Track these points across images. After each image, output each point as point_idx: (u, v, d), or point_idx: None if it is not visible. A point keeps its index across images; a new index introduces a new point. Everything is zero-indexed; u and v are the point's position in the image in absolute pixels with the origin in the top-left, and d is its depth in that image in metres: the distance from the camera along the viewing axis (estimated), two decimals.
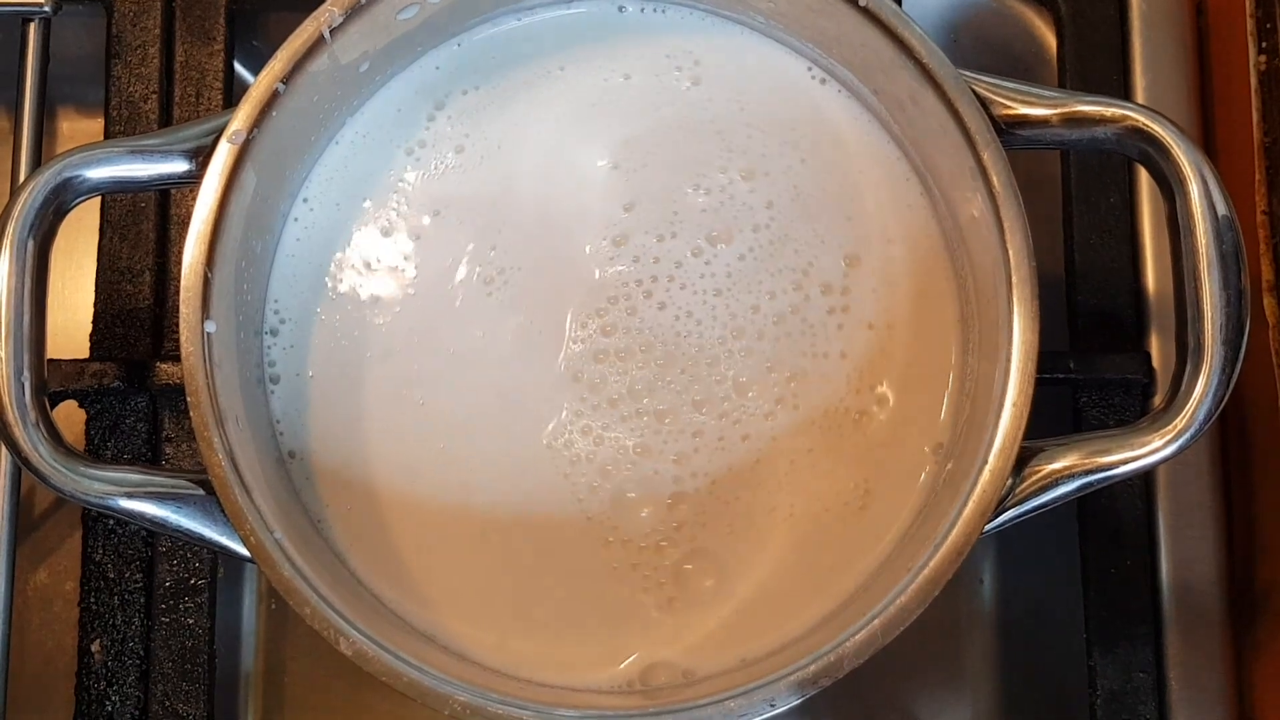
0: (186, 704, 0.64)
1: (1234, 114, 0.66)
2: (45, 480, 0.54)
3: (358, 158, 0.62)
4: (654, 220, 0.61)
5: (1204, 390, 0.52)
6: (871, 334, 0.60)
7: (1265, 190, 0.61)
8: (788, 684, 0.52)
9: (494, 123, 0.62)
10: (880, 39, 0.56)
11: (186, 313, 0.54)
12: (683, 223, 0.61)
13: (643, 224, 0.61)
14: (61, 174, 0.55)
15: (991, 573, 0.71)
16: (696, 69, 0.63)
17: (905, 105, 0.58)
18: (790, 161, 0.62)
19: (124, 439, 0.66)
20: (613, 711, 0.53)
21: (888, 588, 0.53)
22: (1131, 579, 0.65)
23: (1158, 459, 0.53)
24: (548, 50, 0.63)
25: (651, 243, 0.61)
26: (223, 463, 0.53)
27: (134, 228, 0.68)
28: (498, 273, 0.61)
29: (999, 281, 0.54)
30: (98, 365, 0.65)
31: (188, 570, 0.65)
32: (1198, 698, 0.64)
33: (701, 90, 0.62)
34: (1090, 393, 0.66)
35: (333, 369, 0.60)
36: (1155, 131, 0.53)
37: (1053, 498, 0.54)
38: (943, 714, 0.70)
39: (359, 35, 0.57)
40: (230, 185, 0.55)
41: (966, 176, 0.55)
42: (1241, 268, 0.52)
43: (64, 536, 0.71)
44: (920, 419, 0.59)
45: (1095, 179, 0.68)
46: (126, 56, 0.69)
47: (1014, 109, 0.55)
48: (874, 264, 0.61)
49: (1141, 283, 0.67)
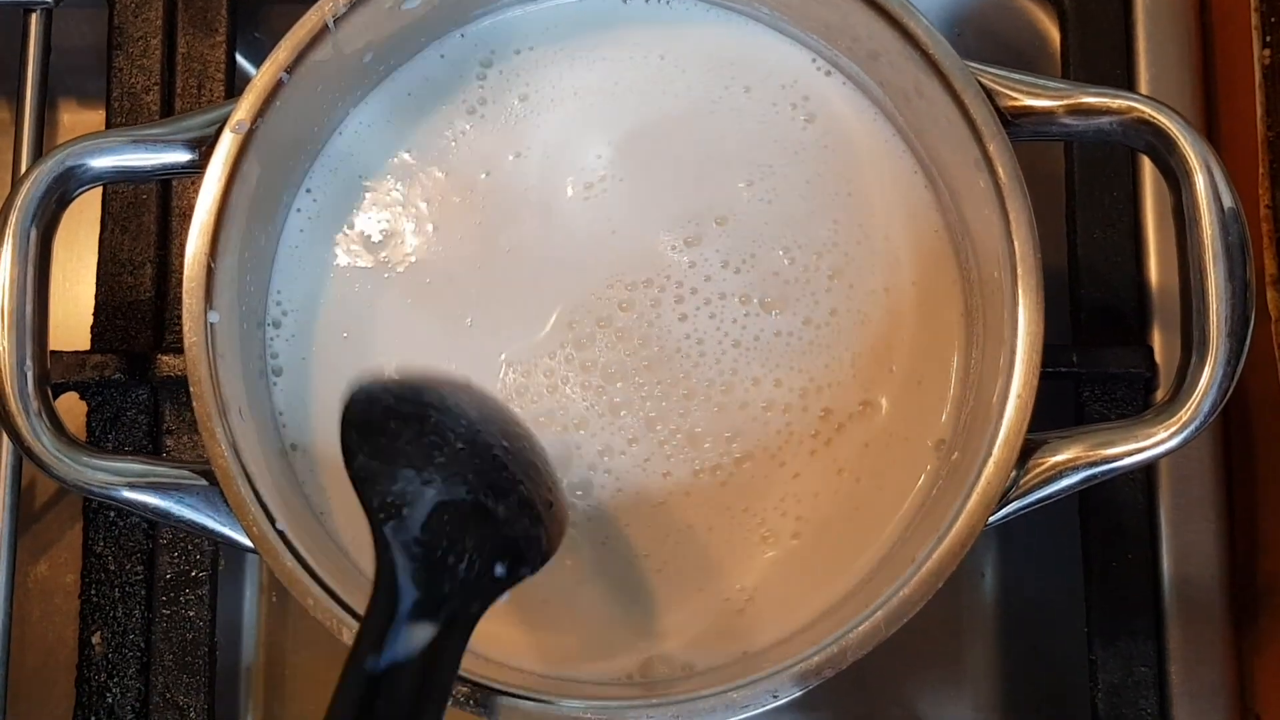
0: (187, 696, 0.64)
1: (1238, 108, 0.66)
2: (48, 470, 0.54)
3: (361, 148, 0.62)
4: (656, 214, 0.61)
5: (1209, 382, 0.52)
6: (874, 328, 0.60)
7: (1269, 184, 0.61)
8: (790, 675, 0.52)
9: (500, 112, 0.62)
10: (886, 30, 0.56)
11: (190, 303, 0.54)
12: (684, 215, 0.61)
13: (644, 218, 0.61)
14: (64, 163, 0.55)
15: (993, 567, 0.71)
16: (699, 62, 0.63)
17: (910, 97, 0.58)
18: (794, 154, 0.61)
19: (125, 431, 0.66)
20: (615, 701, 0.53)
21: (891, 580, 0.53)
22: (1133, 573, 0.65)
23: (1162, 451, 0.53)
24: (552, 41, 0.63)
25: (653, 236, 0.61)
26: (226, 454, 0.53)
27: (135, 220, 0.67)
28: (502, 262, 0.61)
29: (1004, 273, 0.54)
30: (99, 357, 0.65)
31: (189, 562, 0.65)
32: (1198, 691, 0.64)
33: (704, 83, 0.62)
34: (1093, 387, 0.66)
35: (336, 360, 0.60)
36: (1161, 123, 0.53)
37: (1057, 490, 0.54)
38: (944, 707, 0.70)
39: (363, 25, 0.57)
40: (233, 175, 0.55)
41: (972, 168, 0.55)
42: (1247, 259, 0.52)
43: (64, 529, 0.71)
44: (923, 414, 0.59)
45: (1099, 173, 0.67)
46: (128, 48, 0.69)
47: (1019, 100, 0.55)
48: (877, 257, 0.60)
49: (1144, 277, 0.67)
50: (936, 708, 0.70)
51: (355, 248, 0.61)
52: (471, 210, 0.61)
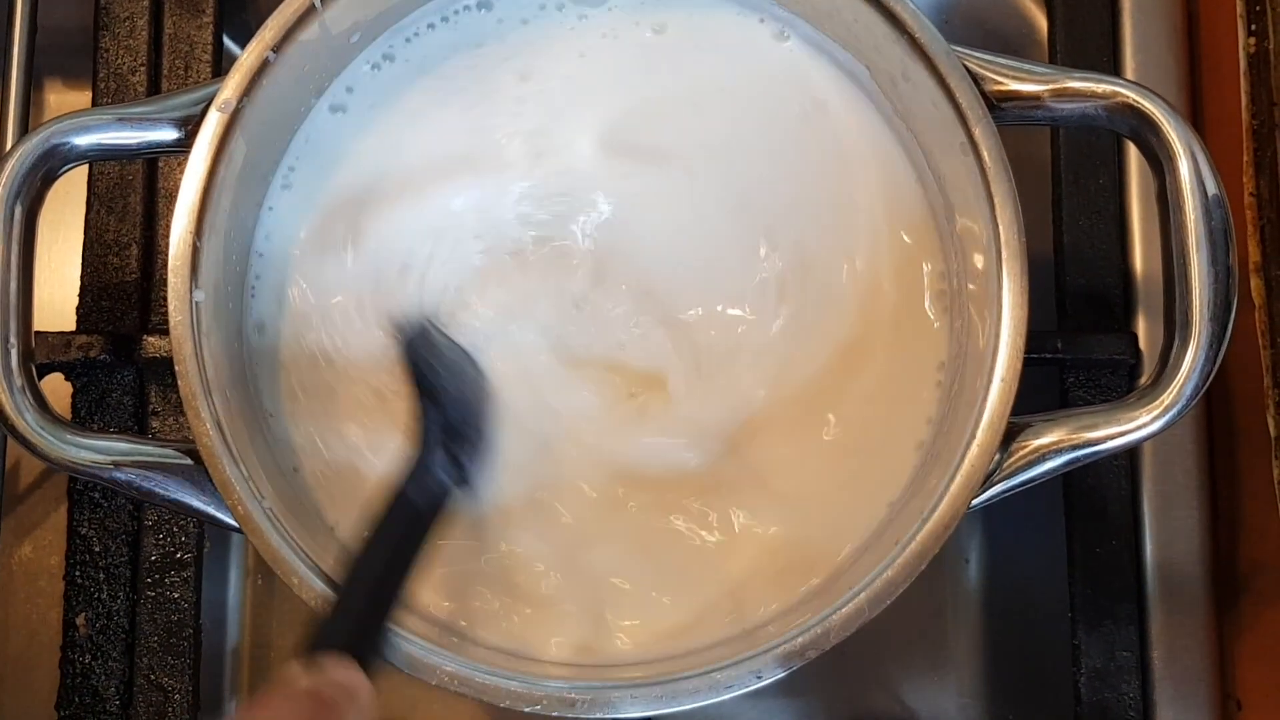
0: (171, 678, 0.64)
1: (1222, 97, 0.66)
2: (32, 448, 0.53)
3: (345, 126, 0.62)
4: (642, 201, 0.61)
5: (1191, 366, 0.52)
6: (857, 312, 0.60)
7: (1253, 172, 0.61)
8: (775, 656, 0.52)
9: (481, 88, 0.62)
10: (873, 14, 0.56)
11: (175, 282, 0.54)
12: (667, 204, 0.61)
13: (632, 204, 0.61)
14: (49, 140, 0.54)
15: (977, 552, 0.71)
16: (681, 45, 0.62)
17: (897, 81, 0.58)
18: (778, 138, 0.61)
19: (110, 412, 0.66)
20: (599, 682, 0.53)
21: (875, 561, 0.53)
22: (1116, 559, 0.65)
23: (1145, 434, 0.53)
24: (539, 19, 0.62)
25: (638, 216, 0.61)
26: (210, 432, 0.53)
27: (121, 200, 0.67)
28: (483, 239, 0.61)
29: (989, 256, 0.54)
30: (84, 338, 0.65)
31: (174, 544, 0.65)
32: (1181, 676, 0.65)
33: (685, 66, 0.62)
34: (1077, 373, 0.66)
35: (313, 338, 0.60)
36: (1146, 108, 0.53)
37: (1040, 472, 0.54)
38: (928, 693, 0.70)
39: (350, 4, 0.57)
40: (220, 154, 0.55)
41: (957, 151, 0.55)
42: (1230, 245, 0.52)
43: (48, 511, 0.71)
44: (906, 399, 0.59)
45: (1084, 161, 0.68)
46: (115, 29, 0.69)
47: (1005, 85, 0.55)
48: (860, 241, 0.60)
49: (1129, 264, 0.67)
50: (920, 693, 0.70)
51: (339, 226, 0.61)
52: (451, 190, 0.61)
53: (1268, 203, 0.60)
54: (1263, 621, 0.64)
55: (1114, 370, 0.66)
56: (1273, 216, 0.60)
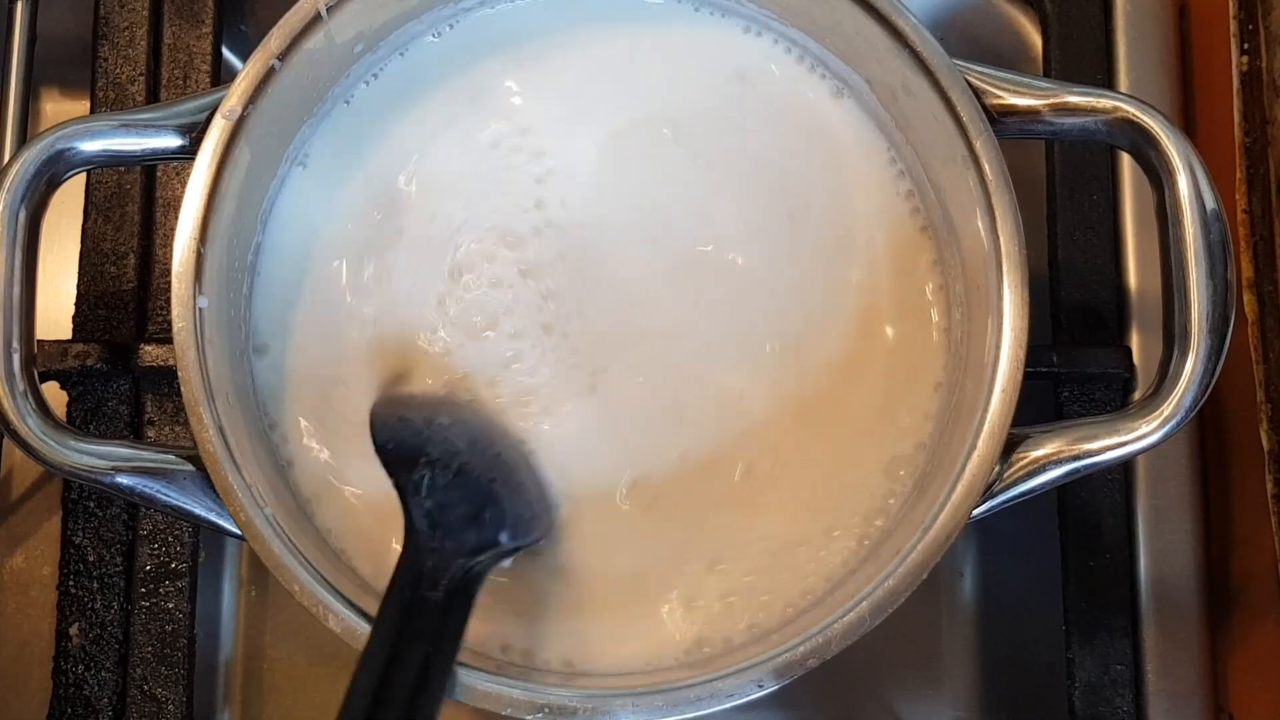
0: (165, 689, 0.63)
1: (1215, 114, 0.67)
2: (34, 453, 0.53)
3: (344, 134, 0.62)
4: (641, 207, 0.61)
5: (1190, 378, 0.53)
6: (856, 323, 0.60)
7: (1245, 189, 0.62)
8: (776, 665, 0.52)
9: (488, 100, 0.62)
10: (874, 28, 0.56)
11: (179, 288, 0.54)
12: (668, 211, 0.61)
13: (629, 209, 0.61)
14: (55, 145, 0.54)
15: (972, 566, 0.71)
16: (683, 60, 0.63)
17: (898, 94, 0.58)
18: (778, 152, 0.62)
19: (106, 421, 0.65)
20: (600, 691, 0.53)
21: (876, 571, 0.53)
22: (1110, 572, 0.66)
23: (1144, 445, 0.53)
24: (542, 32, 0.63)
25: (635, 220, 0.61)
26: (213, 438, 0.53)
27: (119, 210, 0.67)
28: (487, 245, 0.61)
29: (990, 268, 0.54)
30: (81, 346, 0.64)
31: (168, 554, 0.64)
32: (1174, 689, 0.65)
33: (688, 81, 0.62)
34: (1072, 386, 0.67)
35: (318, 342, 0.60)
36: (1146, 123, 0.54)
37: (1040, 483, 0.54)
38: (922, 706, 0.70)
39: (355, 14, 0.57)
40: (224, 161, 0.55)
41: (958, 164, 0.55)
42: (1228, 259, 0.53)
43: (41, 520, 0.71)
44: (902, 410, 0.60)
45: (1079, 176, 0.68)
46: (114, 38, 0.69)
47: (1005, 99, 0.55)
48: (858, 254, 0.61)
49: (1124, 279, 0.68)
50: (914, 706, 0.70)
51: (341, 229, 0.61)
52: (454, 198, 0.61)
53: (1260, 219, 0.61)
54: (1256, 635, 0.65)
55: (1108, 384, 0.67)
56: (1265, 233, 0.60)
